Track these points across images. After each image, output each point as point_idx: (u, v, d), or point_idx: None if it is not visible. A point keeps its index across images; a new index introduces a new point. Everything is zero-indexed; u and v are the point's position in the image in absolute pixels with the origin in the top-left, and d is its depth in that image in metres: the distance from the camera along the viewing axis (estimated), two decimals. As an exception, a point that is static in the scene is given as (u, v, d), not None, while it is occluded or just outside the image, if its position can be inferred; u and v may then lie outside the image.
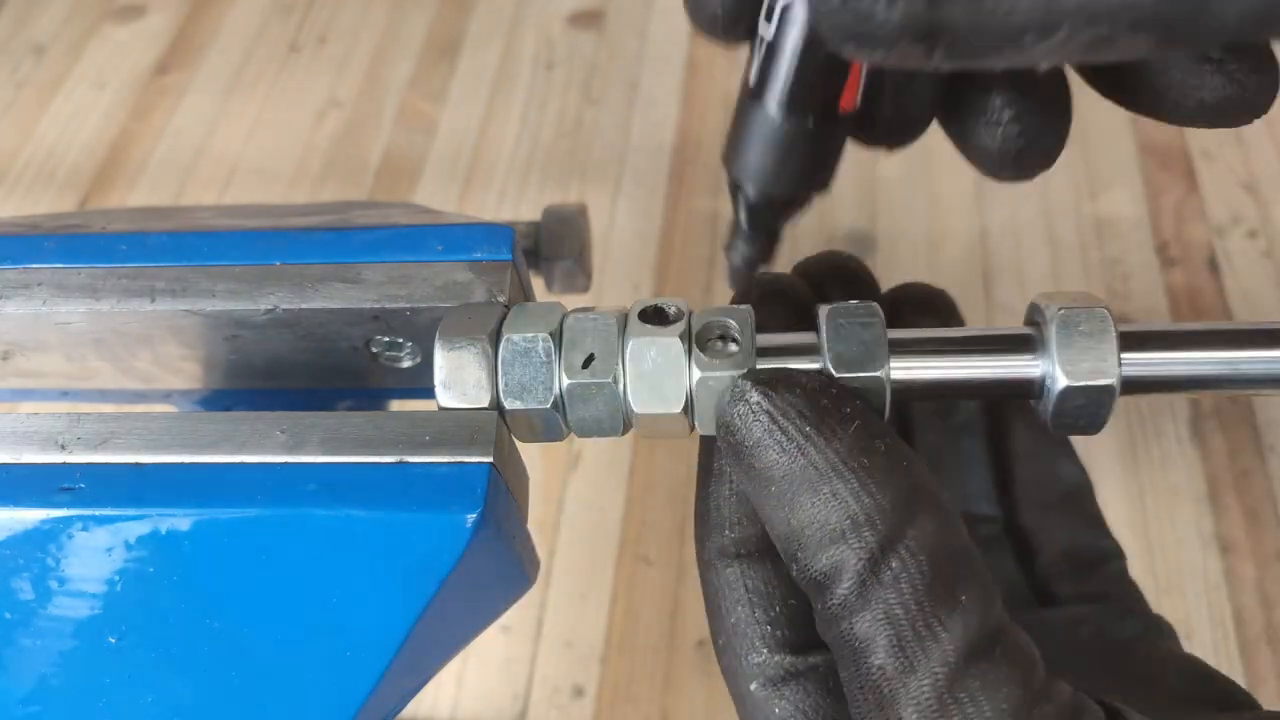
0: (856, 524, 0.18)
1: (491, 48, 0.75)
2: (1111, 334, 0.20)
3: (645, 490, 0.54)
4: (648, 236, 0.63)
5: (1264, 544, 0.49)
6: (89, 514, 0.20)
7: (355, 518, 0.20)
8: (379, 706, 0.21)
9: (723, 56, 0.73)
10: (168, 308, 0.24)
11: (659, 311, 0.22)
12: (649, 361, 0.21)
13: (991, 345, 0.21)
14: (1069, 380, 0.20)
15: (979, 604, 0.18)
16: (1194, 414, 0.54)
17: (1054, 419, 0.21)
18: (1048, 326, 0.21)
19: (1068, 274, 0.59)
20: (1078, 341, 0.20)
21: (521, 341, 0.21)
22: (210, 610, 0.20)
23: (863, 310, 0.21)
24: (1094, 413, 0.21)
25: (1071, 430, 0.21)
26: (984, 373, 0.21)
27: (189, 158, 0.71)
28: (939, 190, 0.64)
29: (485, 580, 0.22)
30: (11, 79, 0.77)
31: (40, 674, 0.20)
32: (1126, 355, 0.20)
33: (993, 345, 0.21)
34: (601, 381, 0.21)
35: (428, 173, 0.68)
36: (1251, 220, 0.61)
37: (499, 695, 0.48)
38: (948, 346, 0.21)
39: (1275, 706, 0.45)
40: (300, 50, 0.77)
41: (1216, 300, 0.58)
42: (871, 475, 0.19)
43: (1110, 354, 0.20)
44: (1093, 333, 0.20)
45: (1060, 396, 0.20)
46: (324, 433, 0.21)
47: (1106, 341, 0.20)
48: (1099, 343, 0.20)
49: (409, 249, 0.25)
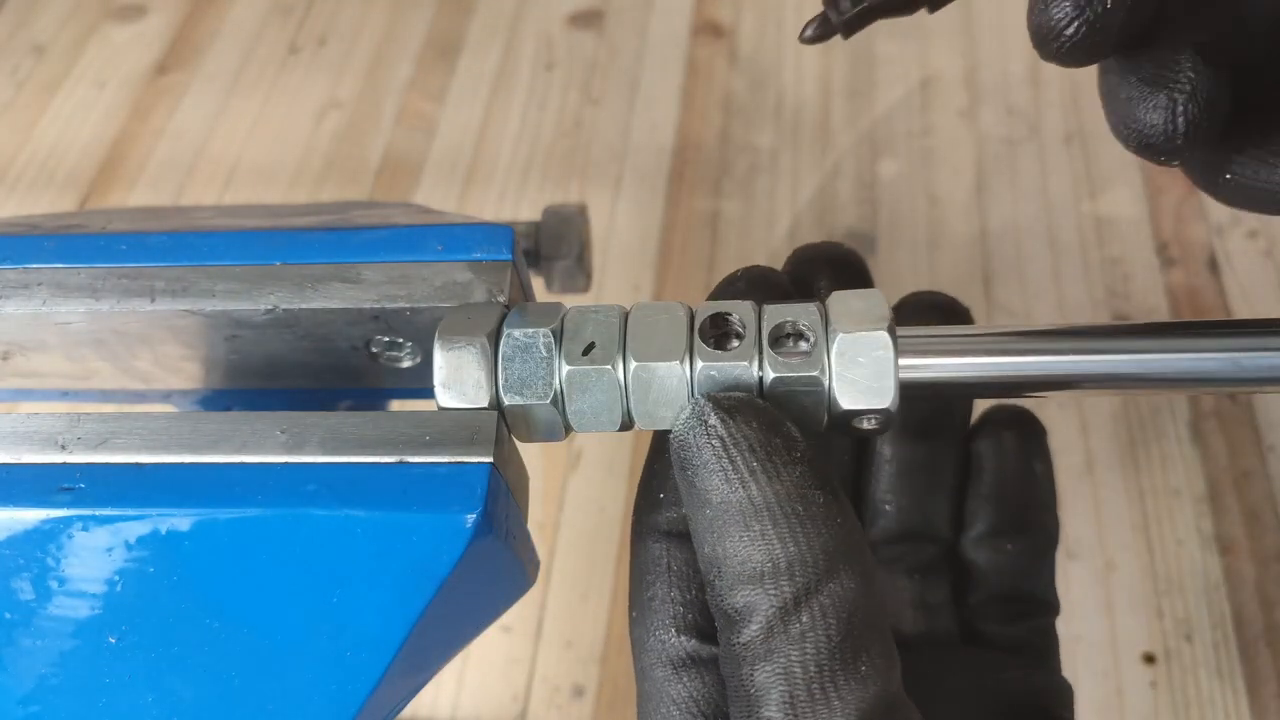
0: (777, 569, 0.18)
1: (491, 48, 0.75)
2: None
3: (645, 490, 0.54)
4: (648, 236, 0.63)
5: (1264, 544, 0.49)
6: (89, 514, 0.20)
7: (355, 518, 0.20)
8: (379, 706, 0.21)
9: (722, 56, 0.73)
10: (167, 308, 0.24)
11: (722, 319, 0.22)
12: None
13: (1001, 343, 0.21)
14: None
15: (880, 674, 0.18)
16: (1194, 414, 0.54)
17: None
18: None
19: (1067, 274, 0.59)
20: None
21: (522, 337, 0.21)
22: (210, 610, 0.20)
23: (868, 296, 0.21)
24: None
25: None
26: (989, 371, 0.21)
27: (189, 158, 0.71)
28: (939, 190, 0.64)
29: (485, 580, 0.22)
30: (11, 79, 0.77)
31: (40, 674, 0.20)
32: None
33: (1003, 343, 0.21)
34: (601, 369, 0.21)
35: (428, 173, 0.68)
36: (1251, 220, 0.61)
37: (499, 695, 0.48)
38: (953, 344, 0.21)
39: (1275, 706, 0.45)
40: (300, 51, 0.77)
41: (1217, 300, 0.58)
42: (803, 524, 0.19)
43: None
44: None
45: None
46: (324, 433, 0.21)
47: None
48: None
49: (409, 249, 0.25)
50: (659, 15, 0.76)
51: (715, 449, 0.19)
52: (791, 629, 0.18)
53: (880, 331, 0.20)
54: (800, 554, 0.18)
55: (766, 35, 0.74)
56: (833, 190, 0.64)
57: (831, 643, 0.18)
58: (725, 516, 0.19)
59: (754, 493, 0.19)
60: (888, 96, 0.69)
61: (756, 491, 0.19)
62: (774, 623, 0.18)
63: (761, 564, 0.18)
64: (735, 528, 0.19)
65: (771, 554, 0.18)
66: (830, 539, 0.19)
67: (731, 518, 0.19)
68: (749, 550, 0.19)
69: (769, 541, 0.18)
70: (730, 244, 0.63)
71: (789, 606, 0.18)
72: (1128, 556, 0.50)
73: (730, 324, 0.22)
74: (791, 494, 0.19)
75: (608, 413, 0.22)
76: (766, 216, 0.64)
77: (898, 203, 0.63)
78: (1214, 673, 0.46)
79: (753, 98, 0.70)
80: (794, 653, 0.18)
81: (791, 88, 0.70)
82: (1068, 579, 0.49)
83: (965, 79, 0.69)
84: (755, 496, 0.19)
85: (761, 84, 0.71)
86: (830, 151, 0.66)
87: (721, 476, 0.19)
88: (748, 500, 0.19)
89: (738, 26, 0.74)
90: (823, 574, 0.18)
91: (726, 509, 0.19)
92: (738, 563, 0.19)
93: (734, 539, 0.19)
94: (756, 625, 0.18)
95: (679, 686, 0.20)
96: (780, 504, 0.19)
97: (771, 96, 0.70)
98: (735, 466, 0.19)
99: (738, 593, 0.19)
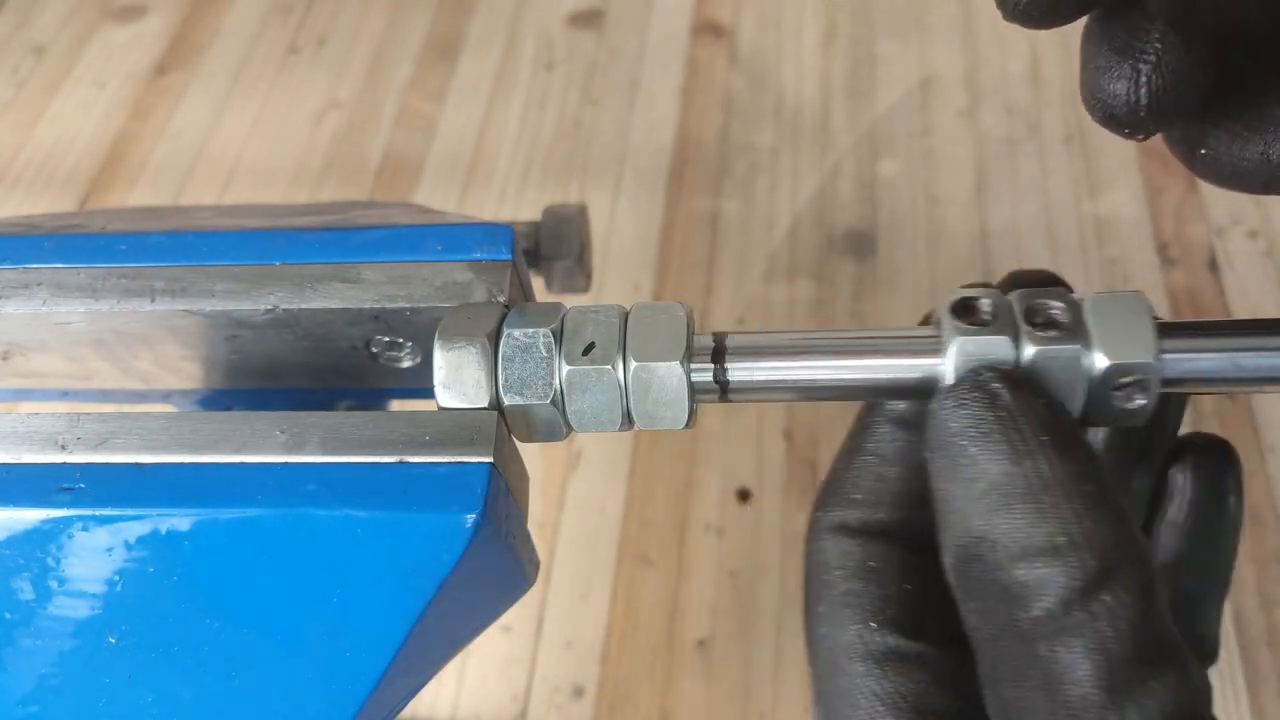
0: (1074, 544, 0.18)
1: (491, 48, 0.75)
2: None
3: (645, 490, 0.54)
4: (648, 236, 0.63)
5: (1264, 544, 0.49)
6: (89, 514, 0.20)
7: (355, 518, 0.20)
8: (379, 706, 0.21)
9: (722, 56, 0.73)
10: (167, 308, 0.24)
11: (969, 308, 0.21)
12: None
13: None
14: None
15: (1187, 664, 0.18)
16: (1194, 414, 0.54)
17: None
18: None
19: (1068, 274, 0.59)
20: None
21: (523, 337, 0.21)
22: (210, 610, 0.20)
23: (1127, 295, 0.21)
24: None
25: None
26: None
27: (189, 158, 0.71)
28: (939, 190, 0.64)
29: (485, 580, 0.22)
30: (11, 79, 0.77)
31: (40, 674, 0.20)
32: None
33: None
34: (601, 369, 0.21)
35: (428, 173, 0.68)
36: (1251, 220, 0.61)
37: (499, 695, 0.48)
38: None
39: (1275, 706, 0.45)
40: (300, 51, 0.77)
41: (1216, 300, 0.58)
42: (1096, 503, 0.18)
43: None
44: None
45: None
46: (324, 433, 0.21)
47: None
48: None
49: (409, 249, 0.25)
50: (659, 15, 0.76)
51: (1003, 421, 0.18)
52: (1094, 605, 0.17)
53: (1135, 297, 0.20)
54: (1097, 531, 0.18)
55: (766, 35, 0.74)
56: (833, 190, 0.64)
57: (1137, 625, 0.17)
58: (1007, 490, 0.18)
59: (1044, 468, 0.18)
60: (888, 96, 0.69)
61: (1047, 467, 0.18)
62: (1072, 599, 0.17)
63: (1054, 538, 0.18)
64: (1021, 502, 0.18)
65: (1067, 529, 0.18)
66: (1119, 521, 0.18)
67: (1015, 492, 0.18)
68: (1036, 526, 0.18)
69: (1063, 517, 0.18)
70: (730, 244, 0.63)
71: (1090, 584, 0.17)
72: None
73: (979, 310, 0.21)
74: (1083, 472, 0.18)
75: (608, 412, 0.22)
76: (766, 216, 0.64)
77: (898, 203, 0.63)
78: (1214, 673, 0.46)
79: (753, 97, 0.70)
80: (1105, 629, 0.17)
81: (791, 87, 0.70)
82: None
83: (965, 79, 0.69)
84: (1045, 472, 0.18)
85: (761, 84, 0.71)
86: (830, 151, 0.66)
87: (1007, 448, 0.18)
88: (1036, 475, 0.18)
89: (738, 26, 0.74)
90: (1121, 554, 0.18)
91: (1009, 482, 0.18)
92: (1022, 537, 0.18)
93: (1017, 514, 0.18)
94: (1051, 599, 0.18)
95: (885, 682, 0.20)
96: (1072, 481, 0.18)
97: (771, 96, 0.70)
98: (1024, 439, 0.18)
99: (1023, 567, 0.18)
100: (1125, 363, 0.20)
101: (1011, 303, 0.21)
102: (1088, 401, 0.21)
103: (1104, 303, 0.20)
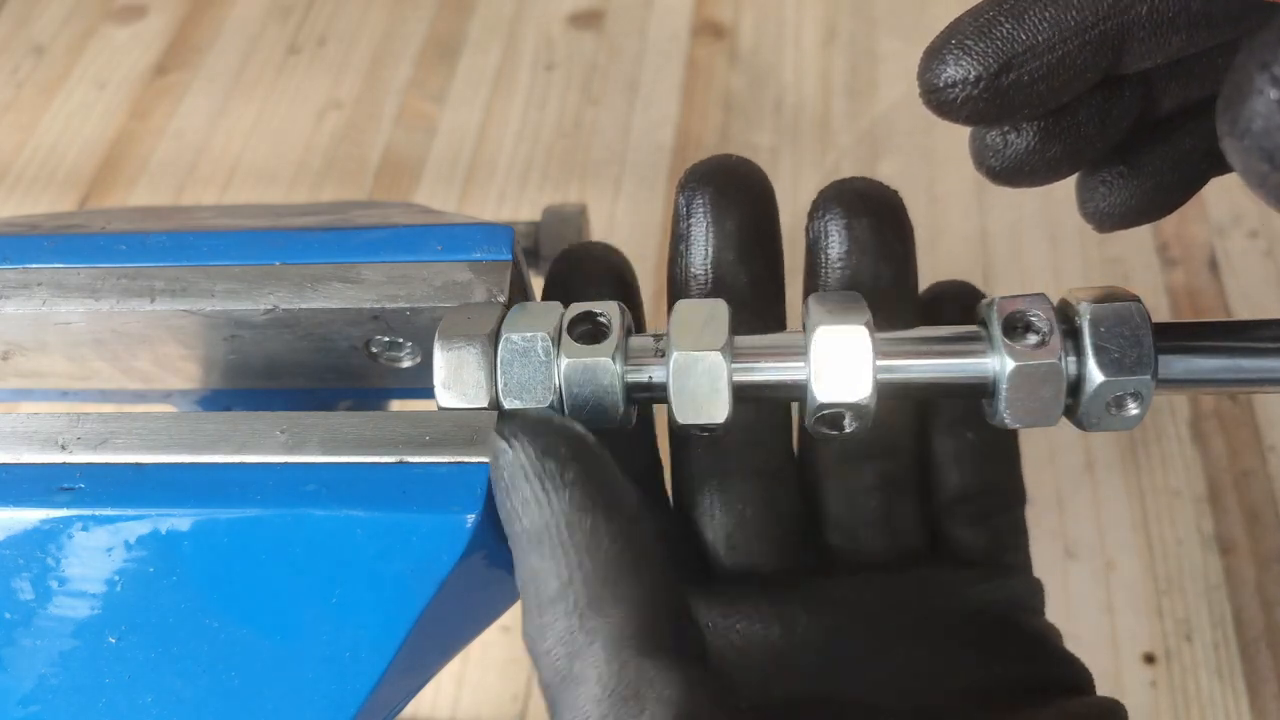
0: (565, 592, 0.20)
1: (491, 48, 0.75)
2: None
3: (645, 490, 0.54)
4: (648, 237, 0.63)
5: (1264, 545, 0.49)
6: (89, 514, 0.20)
7: (355, 518, 0.20)
8: (379, 706, 0.21)
9: (722, 56, 0.73)
10: (167, 308, 0.24)
11: None
12: None
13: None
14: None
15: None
16: (1194, 414, 0.54)
17: None
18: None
19: (1068, 273, 0.59)
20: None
21: (521, 341, 0.21)
22: (210, 610, 0.20)
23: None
24: None
25: None
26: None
27: (189, 158, 0.71)
28: (939, 190, 0.64)
29: (485, 581, 0.22)
30: (11, 79, 0.77)
31: (40, 674, 0.20)
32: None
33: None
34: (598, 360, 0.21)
35: (428, 173, 0.68)
36: (1252, 220, 0.61)
37: (499, 695, 0.48)
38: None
39: (1275, 706, 0.45)
40: (300, 51, 0.77)
41: (1217, 300, 0.58)
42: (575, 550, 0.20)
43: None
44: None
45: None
46: (324, 433, 0.21)
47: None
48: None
49: (409, 249, 0.25)
50: (659, 15, 0.76)
51: (498, 480, 0.20)
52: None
53: (1133, 307, 0.21)
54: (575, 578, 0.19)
55: (766, 35, 0.74)
56: (833, 190, 0.64)
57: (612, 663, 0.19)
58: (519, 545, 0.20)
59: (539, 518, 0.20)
60: (888, 95, 0.69)
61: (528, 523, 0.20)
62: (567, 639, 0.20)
63: (554, 589, 0.20)
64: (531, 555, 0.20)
65: (560, 577, 0.19)
66: (599, 564, 0.19)
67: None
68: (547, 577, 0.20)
69: (558, 564, 0.19)
70: (730, 244, 0.63)
71: (575, 629, 0.19)
72: (1128, 557, 0.50)
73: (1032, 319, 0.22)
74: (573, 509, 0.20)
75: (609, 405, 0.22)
76: (766, 216, 0.64)
77: (898, 202, 0.63)
78: (1214, 673, 0.46)
79: (753, 97, 0.70)
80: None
81: (791, 87, 0.70)
82: (1068, 579, 0.49)
83: (965, 79, 0.69)
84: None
85: (761, 83, 0.71)
86: (830, 150, 0.66)
87: (505, 508, 0.20)
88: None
89: (738, 26, 0.74)
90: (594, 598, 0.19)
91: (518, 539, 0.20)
92: (535, 587, 0.20)
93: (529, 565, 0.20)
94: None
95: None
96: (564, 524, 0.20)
97: (771, 95, 0.70)
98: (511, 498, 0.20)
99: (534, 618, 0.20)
100: (1122, 379, 0.20)
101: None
102: (1081, 412, 0.21)
103: (1102, 314, 0.20)
